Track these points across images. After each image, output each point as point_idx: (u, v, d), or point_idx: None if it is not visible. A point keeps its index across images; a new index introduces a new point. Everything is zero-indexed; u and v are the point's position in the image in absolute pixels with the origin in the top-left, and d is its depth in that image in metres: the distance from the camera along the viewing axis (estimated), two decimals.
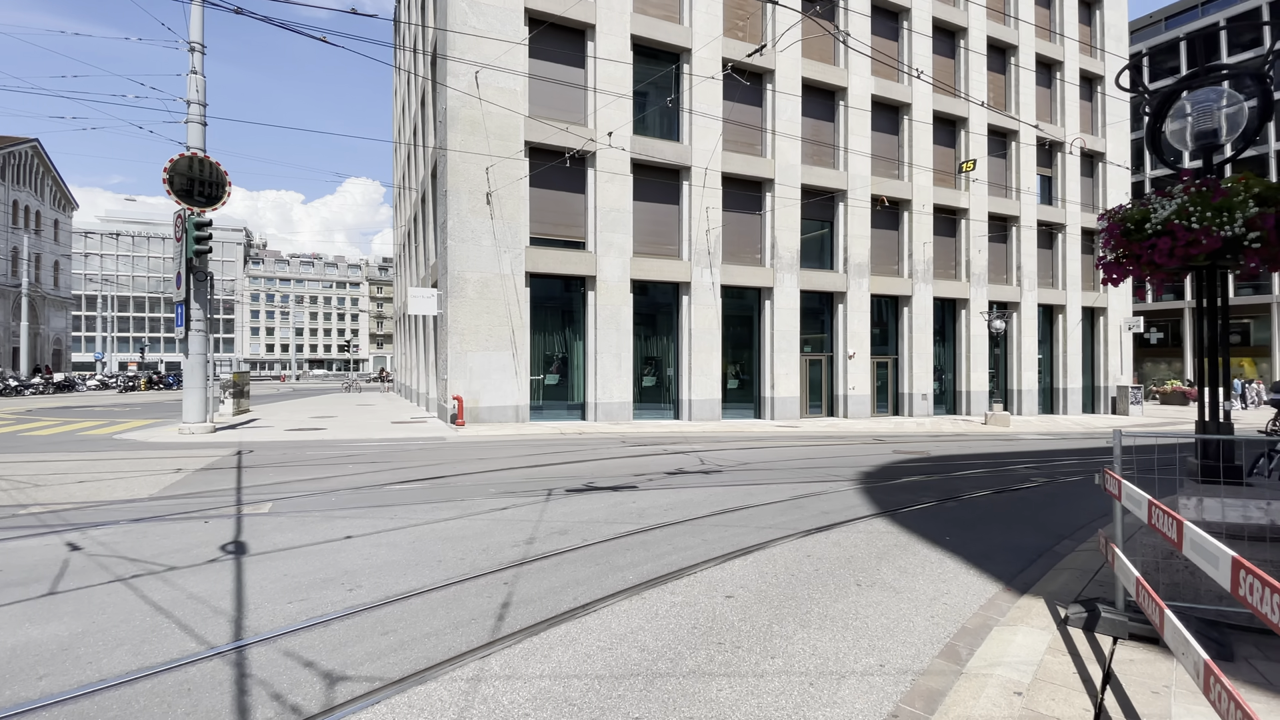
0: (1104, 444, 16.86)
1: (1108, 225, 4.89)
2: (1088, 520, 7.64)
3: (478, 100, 17.33)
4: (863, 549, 6.11)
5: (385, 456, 11.76)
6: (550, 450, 12.86)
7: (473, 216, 17.29)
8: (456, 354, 17.04)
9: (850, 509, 7.88)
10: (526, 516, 7.14)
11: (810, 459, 12.41)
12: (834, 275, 22.94)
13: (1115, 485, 3.93)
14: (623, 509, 7.56)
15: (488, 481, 9.23)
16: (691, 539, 6.31)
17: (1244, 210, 4.23)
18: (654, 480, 9.50)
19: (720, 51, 20.61)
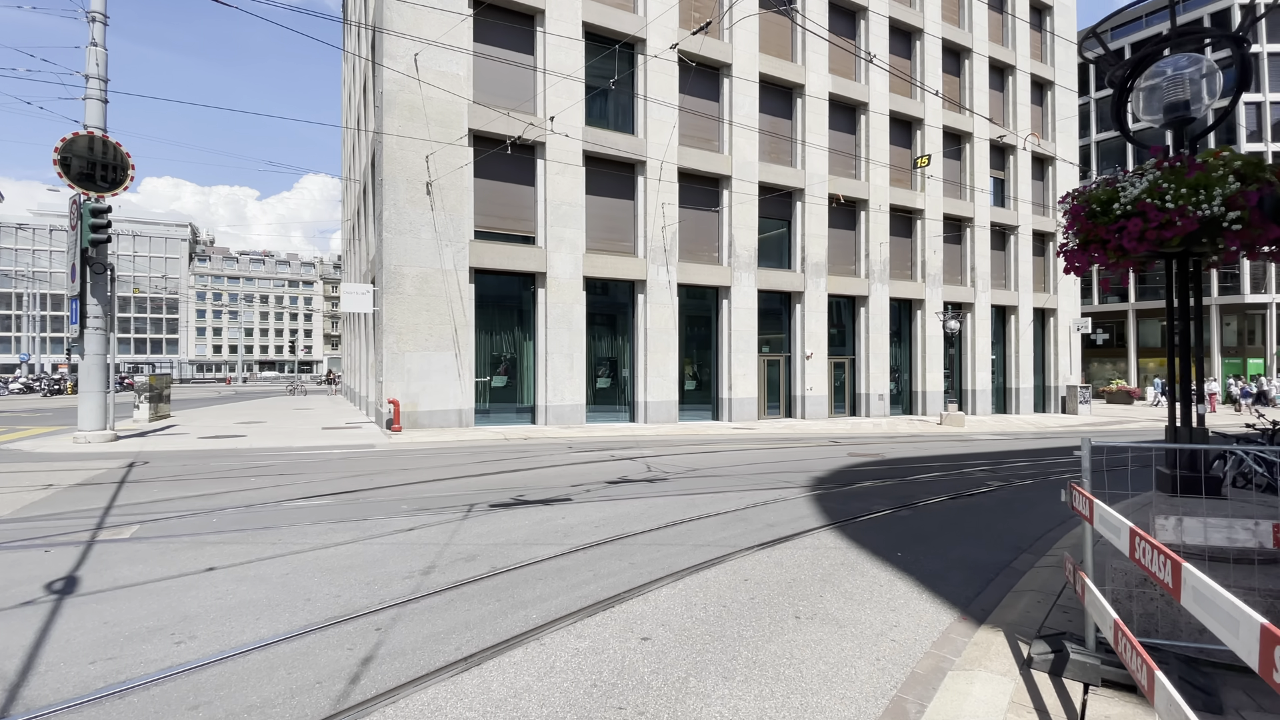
0: (1056, 444, 16.86)
1: (1071, 207, 4.34)
2: (1044, 529, 7.21)
3: (417, 83, 16.27)
4: (807, 570, 5.47)
5: (299, 468, 10.67)
6: (487, 458, 11.95)
7: (411, 207, 16.21)
8: (393, 354, 15.93)
9: (798, 521, 7.27)
10: (434, 539, 6.28)
11: (763, 463, 11.83)
12: (792, 275, 22.59)
13: (1085, 504, 3.34)
14: (548, 527, 6.76)
15: (405, 496, 8.31)
16: (618, 562, 5.56)
17: (1223, 187, 3.72)
18: (592, 491, 8.72)
19: (675, 43, 19.97)
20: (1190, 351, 4.27)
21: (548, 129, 17.76)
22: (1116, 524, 2.84)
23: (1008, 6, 28.64)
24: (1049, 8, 29.87)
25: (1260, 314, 41.12)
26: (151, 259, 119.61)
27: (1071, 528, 7.45)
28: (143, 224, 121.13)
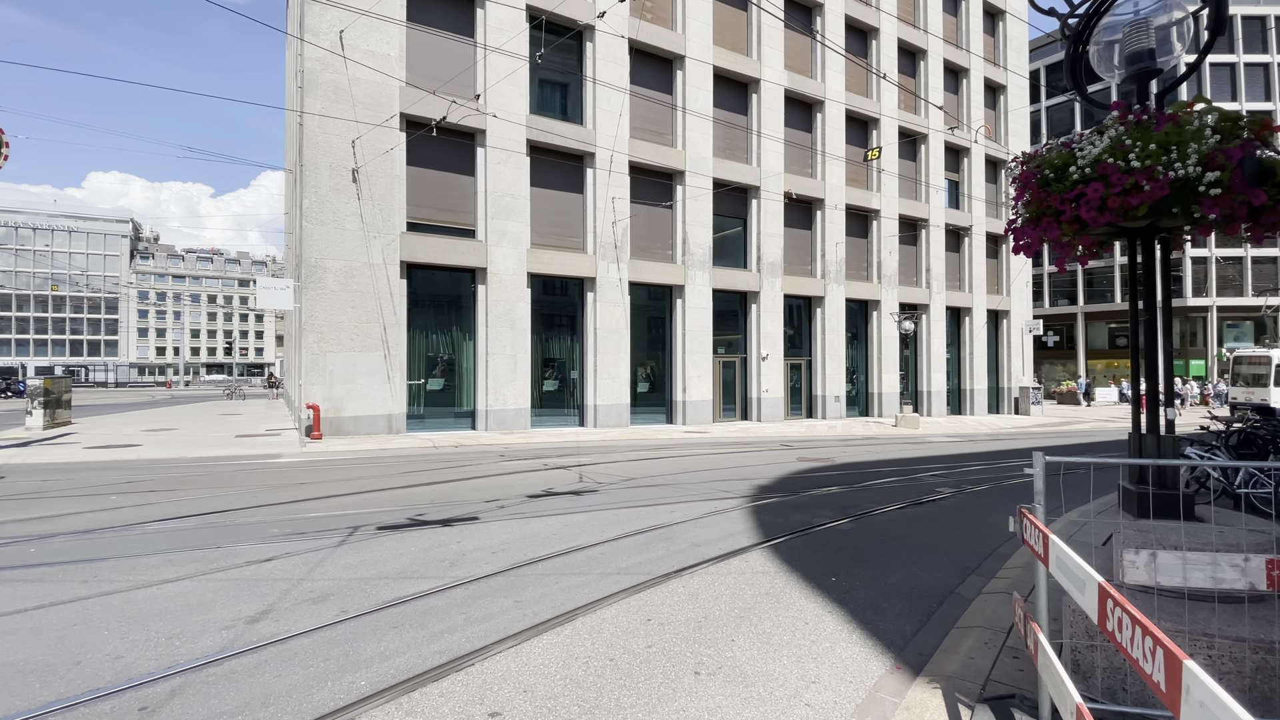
0: (1009, 445, 16.61)
1: (1020, 174, 3.63)
2: (995, 544, 6.58)
3: (343, 61, 15.04)
4: (725, 603, 4.66)
5: (179, 483, 9.41)
6: (404, 469, 10.87)
7: (335, 196, 14.96)
8: (313, 355, 14.64)
9: (729, 539, 6.47)
10: (289, 573, 5.25)
11: (707, 470, 11.06)
12: (747, 274, 22.02)
13: (1038, 539, 2.60)
14: (436, 555, 5.80)
15: (283, 517, 7.21)
16: (501, 601, 4.65)
17: (1200, 143, 3.04)
18: (506, 507, 7.77)
19: (626, 30, 19.20)
20: (1158, 347, 3.60)
21: (488, 113, 16.71)
22: (1080, 574, 2.08)
23: (962, 10, 28.79)
24: (1002, 12, 30.17)
25: (1201, 316, 42.63)
26: (89, 256, 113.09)
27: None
28: (79, 219, 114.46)
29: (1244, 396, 26.40)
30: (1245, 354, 27.31)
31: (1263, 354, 26.34)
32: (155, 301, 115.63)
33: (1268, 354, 26.08)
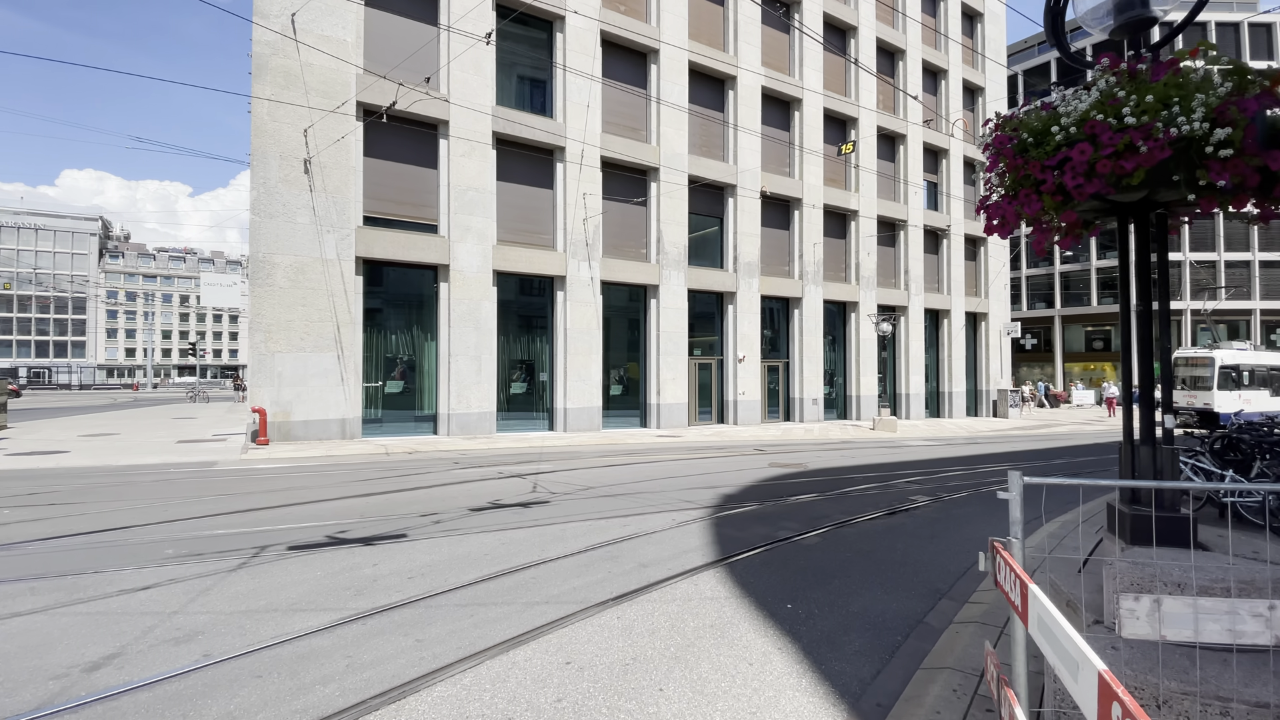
0: (988, 449, 16.26)
1: (994, 139, 3.07)
2: (970, 561, 6.05)
3: (295, 45, 14.25)
4: (662, 638, 4.04)
5: (90, 495, 8.59)
6: (345, 479, 10.12)
7: (285, 187, 14.15)
8: (261, 356, 13.80)
9: (680, 557, 5.87)
10: (163, 604, 4.54)
11: (673, 477, 10.46)
12: (723, 274, 21.51)
13: (1015, 585, 2.02)
14: (344, 580, 5.12)
15: (185, 535, 6.46)
16: (399, 640, 3.99)
17: (1208, 94, 2.49)
18: (443, 522, 7.09)
19: (598, 21, 18.61)
20: (1153, 344, 3.06)
21: (451, 102, 16.01)
22: (1072, 651, 1.49)
23: (941, 11, 28.66)
24: (980, 14, 30.12)
25: (1176, 320, 43.10)
26: (56, 255, 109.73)
27: None
28: (46, 216, 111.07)
29: (1185, 401, 24.60)
30: (1186, 355, 25.26)
31: (1204, 355, 24.36)
32: (124, 301, 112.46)
33: (1210, 355, 24.13)
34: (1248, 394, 24.50)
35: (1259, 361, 25.56)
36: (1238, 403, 23.78)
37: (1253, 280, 42.84)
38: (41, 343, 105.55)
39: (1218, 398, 23.78)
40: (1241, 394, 24.16)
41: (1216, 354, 24.14)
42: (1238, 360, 24.52)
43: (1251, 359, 25.18)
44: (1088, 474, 12.40)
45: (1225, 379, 23.83)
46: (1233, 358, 24.41)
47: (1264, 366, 25.78)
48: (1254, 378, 24.81)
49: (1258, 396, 25.03)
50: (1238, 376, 24.11)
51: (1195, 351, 25.26)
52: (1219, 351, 24.27)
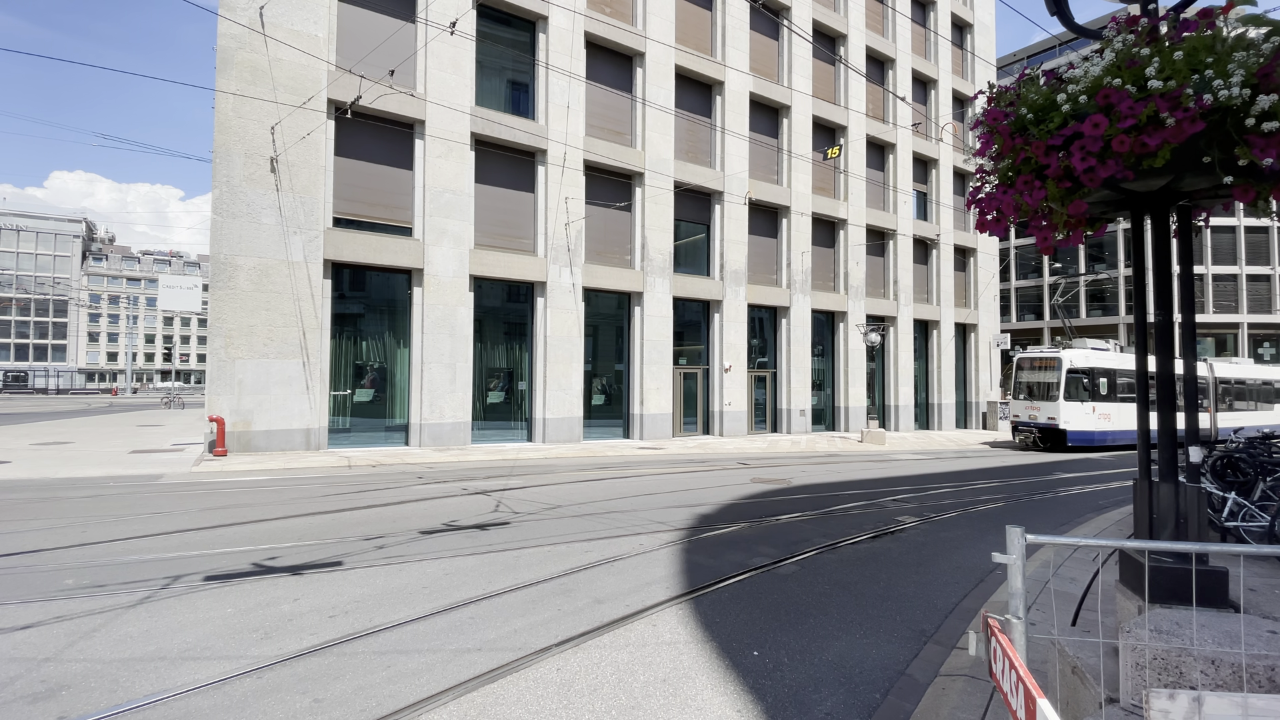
0: (978, 464, 15.83)
1: (986, 114, 2.58)
2: (959, 594, 5.55)
3: (262, 39, 13.70)
4: (603, 698, 3.48)
5: (12, 511, 7.90)
6: (296, 496, 9.48)
7: (249, 186, 13.54)
8: (220, 362, 13.13)
9: (641, 590, 5.31)
10: (39, 649, 3.93)
11: (648, 494, 9.90)
12: (710, 282, 21.06)
13: (1016, 688, 1.49)
14: (254, 619, 4.52)
15: (93, 561, 5.82)
16: (294, 701, 3.40)
17: (1246, 52, 2.01)
18: (387, 547, 6.49)
19: (582, 23, 18.21)
20: (1174, 359, 2.56)
21: (428, 100, 15.49)
22: None
23: (930, 21, 28.58)
24: (969, 25, 30.08)
25: None
26: (38, 256, 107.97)
27: (994, 585, 5.84)
28: (27, 217, 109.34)
29: (1026, 413, 20.36)
30: (1029, 356, 20.80)
31: (1051, 355, 20.03)
32: (104, 304, 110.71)
33: (1057, 355, 19.78)
34: (1106, 407, 20.13)
35: (1122, 366, 20.64)
36: (1092, 418, 19.62)
37: (1240, 293, 43.00)
38: (21, 346, 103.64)
39: (1064, 410, 19.33)
40: (1096, 406, 19.82)
41: (1064, 355, 19.74)
42: (1091, 363, 19.85)
43: (1113, 362, 20.54)
44: (1088, 494, 11.98)
45: (1075, 386, 19.46)
46: (1085, 360, 19.80)
47: (1130, 373, 20.82)
48: (1115, 387, 20.44)
49: (1119, 410, 20.39)
50: (1092, 385, 19.70)
51: (1039, 352, 20.74)
52: (1067, 352, 19.86)
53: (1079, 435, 19.62)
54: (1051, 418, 19.58)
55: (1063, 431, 19.35)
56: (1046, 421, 19.69)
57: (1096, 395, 19.93)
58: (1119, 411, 20.44)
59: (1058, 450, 19.77)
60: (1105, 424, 20.13)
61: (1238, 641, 2.17)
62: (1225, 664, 2.10)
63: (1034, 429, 20.10)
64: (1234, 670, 2.10)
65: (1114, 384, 20.45)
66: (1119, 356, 20.96)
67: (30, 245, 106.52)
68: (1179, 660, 2.15)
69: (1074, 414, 19.48)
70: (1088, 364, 19.77)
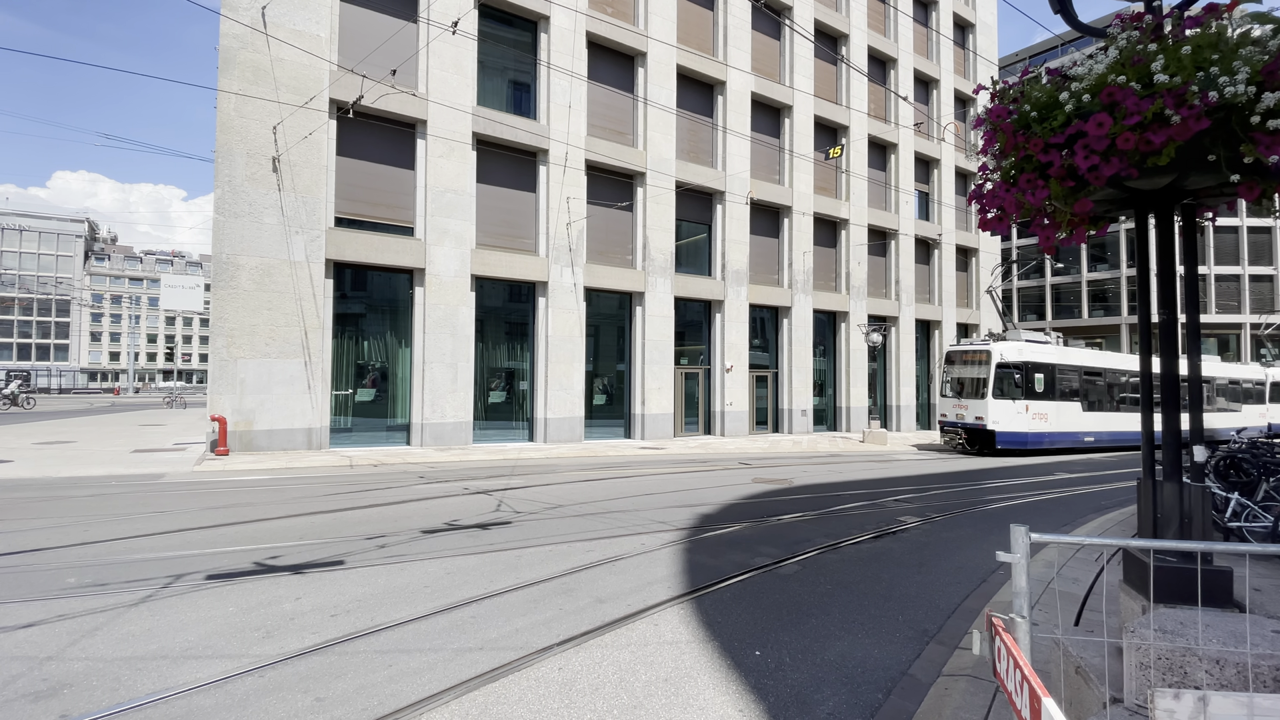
0: (980, 464, 15.79)
1: (990, 110, 2.58)
2: (961, 594, 5.54)
3: (265, 39, 13.72)
4: (604, 698, 3.48)
5: (15, 509, 7.93)
6: (298, 495, 9.49)
7: (251, 186, 13.56)
8: (222, 362, 13.15)
9: (643, 590, 5.31)
10: (42, 647, 3.94)
11: (649, 494, 9.90)
12: (711, 282, 21.05)
13: (1021, 686, 1.49)
14: (256, 618, 4.52)
15: (96, 560, 5.84)
16: (296, 700, 3.41)
17: (1251, 48, 2.00)
18: (388, 546, 6.49)
19: (584, 23, 18.22)
20: (1178, 359, 2.56)
21: (429, 100, 15.50)
22: None
23: (932, 21, 28.55)
24: (971, 25, 30.05)
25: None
26: (40, 256, 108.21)
27: (996, 585, 5.83)
28: (30, 217, 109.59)
29: (954, 412, 18.61)
30: (959, 349, 19.12)
31: (980, 349, 18.10)
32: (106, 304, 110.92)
33: (986, 348, 17.91)
34: (1043, 406, 18.09)
35: (1063, 361, 18.85)
36: (1024, 417, 17.68)
37: (1243, 294, 42.90)
38: (24, 345, 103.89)
39: (993, 409, 17.42)
40: (1031, 405, 17.81)
41: (994, 347, 17.81)
42: (1025, 357, 17.83)
43: (1053, 356, 18.59)
44: (1091, 494, 11.95)
45: (1006, 383, 17.56)
46: (1017, 353, 17.72)
47: (1072, 369, 19.13)
48: (1054, 384, 18.55)
49: (1059, 410, 18.54)
50: (1026, 381, 17.73)
51: (969, 345, 18.95)
52: (998, 344, 17.92)
53: (1010, 437, 17.58)
54: (979, 417, 17.62)
55: (991, 433, 17.46)
56: (974, 421, 17.78)
57: (1031, 393, 17.85)
58: (1058, 411, 18.56)
59: (986, 454, 17.92)
60: (1041, 425, 18.05)
61: (1243, 641, 2.16)
62: (1230, 664, 2.10)
63: (960, 430, 18.38)
64: (1239, 670, 2.09)
65: (1053, 381, 18.48)
66: (1060, 350, 19.18)
67: (33, 245, 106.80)
68: (1184, 660, 2.14)
69: (1004, 413, 17.50)
70: (1020, 358, 17.72)
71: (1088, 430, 19.53)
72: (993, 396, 17.50)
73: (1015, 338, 18.66)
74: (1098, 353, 20.95)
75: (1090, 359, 20.13)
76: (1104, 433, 20.10)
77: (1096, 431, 19.76)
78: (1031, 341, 18.72)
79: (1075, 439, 19.22)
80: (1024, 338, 18.70)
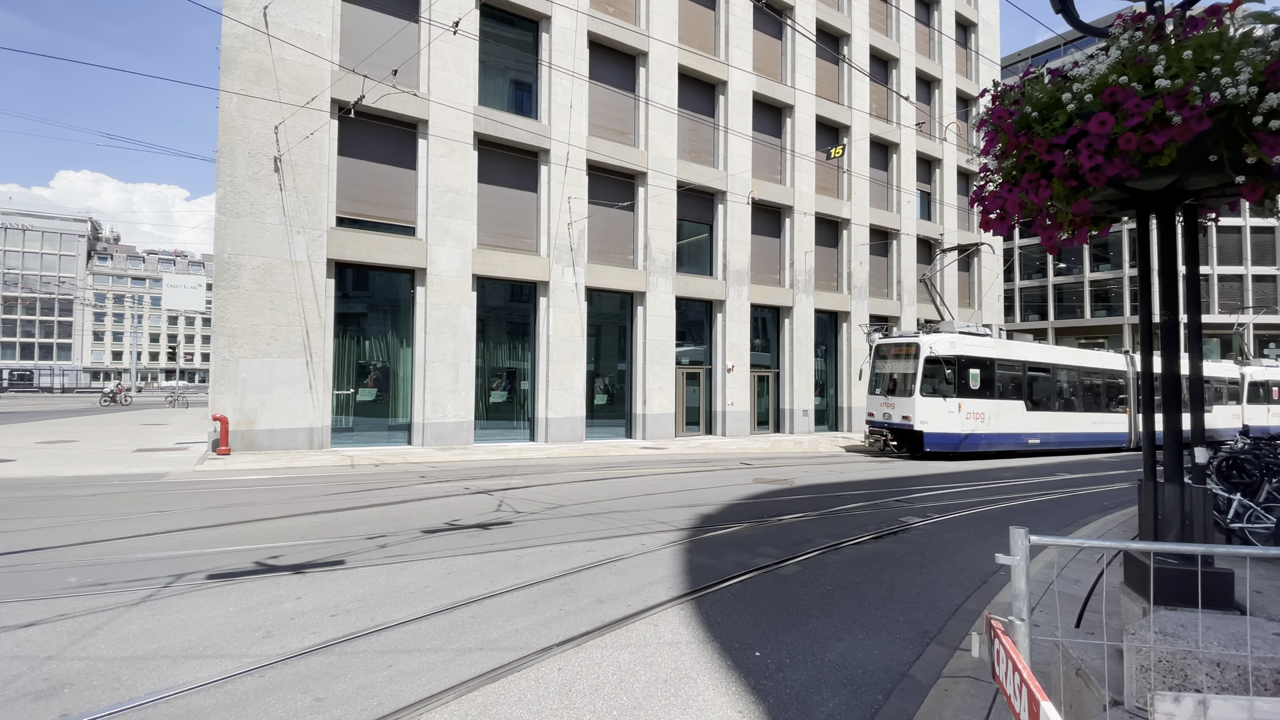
0: (981, 465, 15.76)
1: (991, 112, 2.57)
2: (962, 594, 5.54)
3: (266, 39, 13.73)
4: (604, 698, 3.48)
5: (17, 508, 7.95)
6: (299, 495, 9.50)
7: (253, 186, 13.58)
8: (224, 361, 13.17)
9: (644, 590, 5.31)
10: (43, 646, 3.95)
11: (650, 494, 9.89)
12: (712, 282, 21.04)
13: (1020, 691, 1.48)
14: (257, 618, 4.52)
15: (97, 559, 5.85)
16: (295, 700, 3.41)
17: (1253, 48, 1.99)
18: (389, 546, 6.50)
19: (586, 22, 18.21)
20: (1179, 359, 2.55)
21: (431, 100, 15.51)
22: None
23: (934, 20, 28.50)
24: (973, 24, 30.00)
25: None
26: (44, 256, 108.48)
27: (998, 587, 5.82)
28: (33, 216, 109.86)
29: (881, 411, 17.13)
30: (889, 343, 17.64)
31: (908, 341, 16.64)
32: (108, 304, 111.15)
33: (915, 341, 16.43)
34: (979, 404, 16.46)
35: (1004, 355, 17.30)
36: (956, 417, 16.13)
37: (1245, 294, 42.79)
38: (27, 345, 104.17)
39: (920, 407, 15.90)
40: (964, 404, 16.19)
41: (922, 339, 16.29)
42: (958, 351, 16.18)
43: (990, 350, 16.96)
44: (1095, 495, 11.93)
45: (936, 379, 16.01)
46: (949, 347, 16.09)
47: (1015, 364, 17.56)
48: (992, 380, 16.83)
49: (999, 410, 16.99)
50: (958, 377, 16.13)
51: (898, 338, 17.49)
52: (927, 337, 16.42)
53: (939, 438, 15.98)
54: (906, 416, 16.09)
55: (919, 434, 15.96)
56: (900, 421, 16.25)
57: (966, 390, 16.20)
58: (998, 411, 16.87)
59: (914, 456, 16.44)
60: (976, 426, 16.43)
61: (1243, 644, 2.15)
62: (1231, 666, 2.09)
63: (886, 430, 16.89)
64: (1240, 673, 2.08)
65: (991, 377, 16.82)
66: (1001, 344, 17.54)
67: (36, 245, 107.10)
68: (1184, 663, 2.14)
69: (933, 412, 15.90)
70: (953, 351, 16.04)
71: (1032, 431, 17.87)
72: (920, 394, 15.92)
73: (950, 330, 16.82)
74: (1045, 347, 19.21)
75: (1036, 354, 18.40)
76: (1051, 434, 18.46)
77: (1043, 433, 18.16)
78: (968, 333, 16.98)
79: (1018, 441, 17.60)
80: (958, 329, 16.95)
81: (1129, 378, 20.78)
